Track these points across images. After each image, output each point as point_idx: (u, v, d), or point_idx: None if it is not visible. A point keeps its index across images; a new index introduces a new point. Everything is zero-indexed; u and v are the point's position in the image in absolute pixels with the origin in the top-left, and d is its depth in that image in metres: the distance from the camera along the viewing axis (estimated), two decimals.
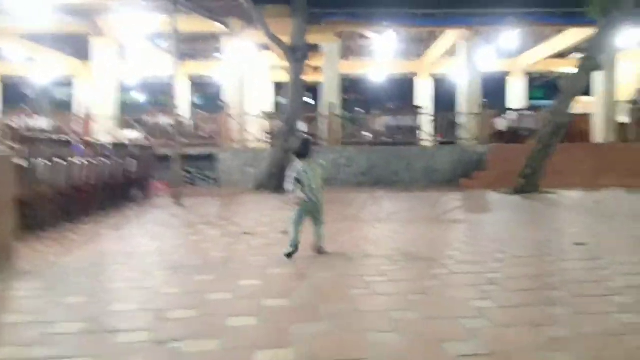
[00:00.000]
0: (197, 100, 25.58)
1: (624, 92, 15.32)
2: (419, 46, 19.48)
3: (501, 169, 11.59)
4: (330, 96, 13.57)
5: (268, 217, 6.96)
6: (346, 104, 22.45)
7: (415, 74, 20.46)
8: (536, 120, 14.49)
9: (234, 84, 14.17)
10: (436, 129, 13.24)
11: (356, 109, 17.29)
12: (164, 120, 13.62)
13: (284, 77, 17.11)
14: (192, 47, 17.90)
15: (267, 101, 18.14)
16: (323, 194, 4.42)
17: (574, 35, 15.56)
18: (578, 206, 8.54)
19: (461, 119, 13.30)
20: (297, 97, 10.95)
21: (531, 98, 21.58)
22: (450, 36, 15.07)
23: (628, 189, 10.75)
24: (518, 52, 18.97)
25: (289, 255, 4.27)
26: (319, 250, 4.41)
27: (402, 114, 13.49)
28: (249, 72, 15.62)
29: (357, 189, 11.86)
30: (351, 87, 27.69)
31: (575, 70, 9.58)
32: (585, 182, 11.01)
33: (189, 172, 11.79)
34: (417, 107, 13.91)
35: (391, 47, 17.76)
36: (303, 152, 4.41)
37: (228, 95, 14.21)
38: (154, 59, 17.55)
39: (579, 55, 18.86)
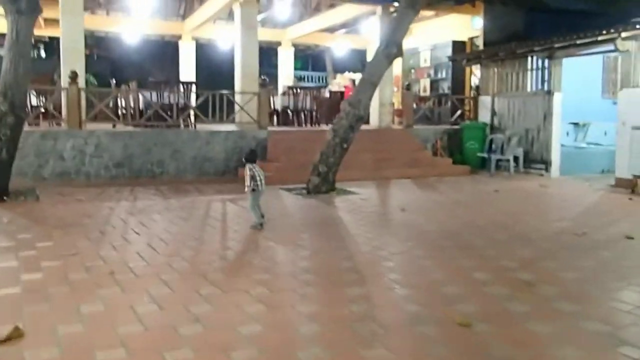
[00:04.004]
0: None
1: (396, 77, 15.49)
2: (183, 4, 16.95)
3: (285, 158, 10.22)
4: (71, 60, 10.33)
5: None
6: (92, 68, 18.63)
7: (178, 37, 17.81)
8: (311, 98, 13.57)
9: None
10: (206, 107, 11.17)
11: (111, 80, 13.97)
12: None
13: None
14: None
15: None
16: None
17: (345, 12, 15.01)
18: (393, 216, 7.57)
19: (237, 97, 11.44)
20: (21, 60, 7.65)
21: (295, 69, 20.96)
22: None
23: (412, 179, 10.44)
24: (289, 23, 17.94)
25: (261, 225, 6.00)
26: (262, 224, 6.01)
27: (167, 88, 11.04)
28: None
29: (108, 185, 9.23)
30: (101, 49, 23.46)
31: (376, 58, 8.51)
32: (367, 174, 10.34)
33: None
34: (188, 82, 11.57)
35: (149, 1, 14.89)
36: (252, 158, 6.02)
37: None
38: None
39: (345, 32, 19.37)
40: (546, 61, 11.64)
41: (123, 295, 3.87)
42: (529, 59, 12.15)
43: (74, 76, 9.55)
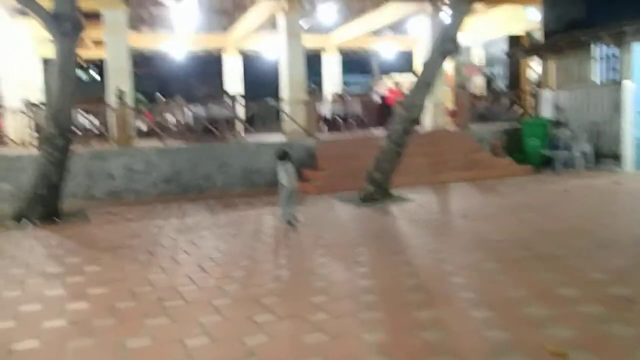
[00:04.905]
0: None
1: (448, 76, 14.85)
2: (226, 17, 16.88)
3: (336, 167, 9.83)
4: (118, 79, 10.34)
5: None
6: (140, 86, 18.89)
7: (222, 50, 17.77)
8: (360, 104, 13.18)
9: None
10: (253, 118, 10.94)
11: (157, 94, 13.99)
12: None
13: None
14: None
15: (34, 85, 13.77)
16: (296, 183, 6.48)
17: (392, 12, 14.51)
18: (455, 224, 7.05)
19: (285, 107, 11.16)
20: (67, 82, 7.64)
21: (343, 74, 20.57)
22: (263, 7, 12.77)
23: (470, 182, 9.83)
24: (333, 28, 17.59)
25: (289, 223, 6.46)
26: (290, 222, 6.44)
27: (214, 102, 10.88)
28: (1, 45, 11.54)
29: (157, 202, 9.11)
30: (148, 67, 23.84)
31: (430, 56, 8.01)
32: (423, 178, 9.79)
33: None
34: (232, 95, 11.40)
35: (193, 17, 14.86)
36: (284, 157, 6.49)
37: None
38: None
39: (391, 34, 18.85)
40: (614, 48, 10.77)
41: (172, 325, 3.56)
42: (595, 47, 11.28)
43: (120, 95, 9.51)
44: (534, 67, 14.52)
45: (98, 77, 25.70)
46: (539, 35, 13.01)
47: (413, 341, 3.15)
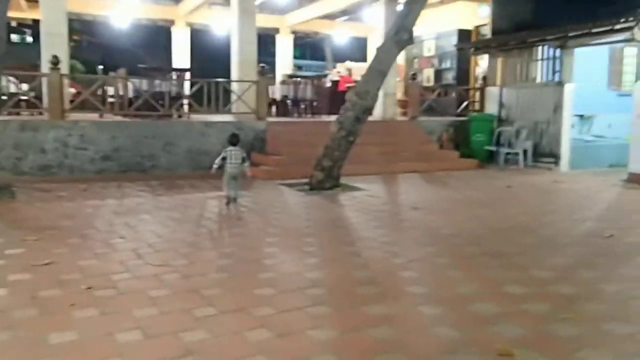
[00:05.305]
0: None
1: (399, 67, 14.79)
2: None
3: (286, 152, 9.59)
4: (53, 44, 9.60)
5: None
6: (82, 55, 17.88)
7: (172, 22, 17.01)
8: (312, 88, 12.93)
9: None
10: (201, 96, 10.50)
11: (99, 67, 13.17)
12: None
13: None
14: None
15: None
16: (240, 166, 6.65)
17: None
18: (406, 216, 6.98)
19: (234, 86, 10.76)
20: None
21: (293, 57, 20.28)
22: None
23: (420, 174, 9.85)
24: (288, 9, 17.21)
25: (227, 202, 6.72)
26: (234, 200, 6.75)
27: (160, 76, 10.34)
28: None
29: (94, 180, 8.59)
30: (91, 36, 22.57)
31: (385, 45, 7.86)
32: (373, 168, 9.73)
33: None
34: (181, 70, 10.88)
35: None
36: (233, 141, 6.74)
37: None
38: None
39: (346, 19, 18.64)
40: (557, 51, 11.03)
41: (102, 318, 3.26)
42: (540, 48, 11.53)
43: (55, 62, 8.84)
44: (482, 64, 14.72)
45: (31, 40, 24.15)
46: (487, 32, 13.18)
47: (363, 338, 3.01)
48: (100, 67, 13.08)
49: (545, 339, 3.05)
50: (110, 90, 10.77)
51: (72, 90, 10.69)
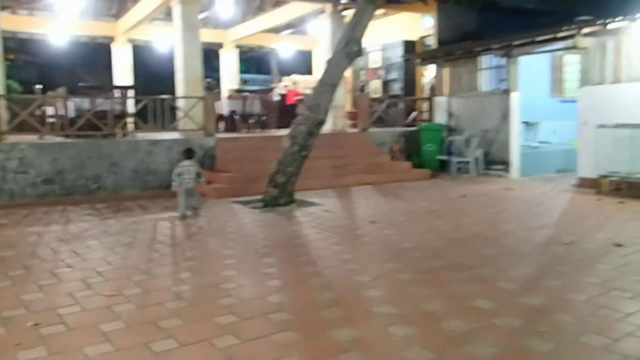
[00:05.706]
0: None
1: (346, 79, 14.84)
2: (116, 3, 15.68)
3: (236, 168, 9.40)
4: None
5: None
6: (18, 74, 17.04)
7: (112, 39, 16.48)
8: (260, 102, 12.80)
9: None
10: (145, 114, 10.16)
11: (37, 86, 12.55)
12: None
13: None
14: None
15: None
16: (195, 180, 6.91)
17: (291, 10, 14.30)
18: (364, 230, 6.89)
19: (180, 103, 10.47)
20: None
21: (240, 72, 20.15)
22: None
23: (372, 186, 9.85)
24: (232, 23, 17.04)
25: (183, 216, 6.88)
26: (193, 209, 7.03)
27: (102, 94, 9.94)
28: None
29: (37, 205, 8.12)
30: (27, 54, 21.60)
31: (335, 57, 7.82)
32: (325, 182, 9.67)
33: None
34: (124, 87, 10.50)
35: (77, 0, 13.57)
36: (187, 156, 7.04)
37: None
38: None
39: (291, 33, 18.62)
40: (502, 60, 11.38)
41: (51, 358, 2.99)
42: (484, 57, 11.85)
43: None
44: (428, 74, 15.01)
45: None
46: (432, 42, 13.45)
47: None
48: (39, 86, 12.48)
49: (522, 355, 3.01)
50: (50, 110, 10.26)
51: None
